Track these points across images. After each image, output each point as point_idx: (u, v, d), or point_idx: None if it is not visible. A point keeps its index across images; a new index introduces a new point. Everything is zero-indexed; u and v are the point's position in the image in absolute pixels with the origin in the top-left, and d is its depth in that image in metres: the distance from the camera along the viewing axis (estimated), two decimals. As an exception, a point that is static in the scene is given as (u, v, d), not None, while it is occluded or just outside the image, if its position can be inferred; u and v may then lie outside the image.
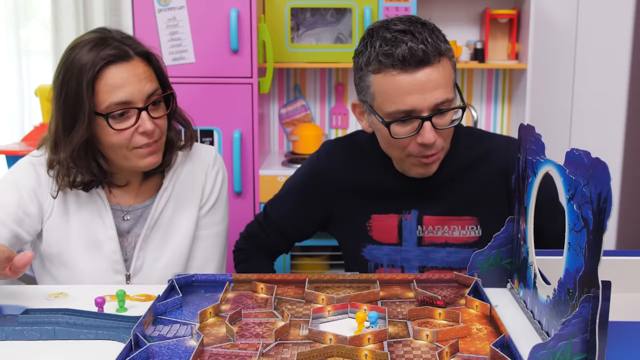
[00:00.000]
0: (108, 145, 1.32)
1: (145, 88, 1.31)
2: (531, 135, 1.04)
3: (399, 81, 1.24)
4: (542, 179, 1.02)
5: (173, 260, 1.43)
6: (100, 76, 1.28)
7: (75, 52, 1.30)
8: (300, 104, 2.84)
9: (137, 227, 1.43)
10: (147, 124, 1.31)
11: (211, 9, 2.32)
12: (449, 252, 1.40)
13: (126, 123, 1.30)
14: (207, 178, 1.50)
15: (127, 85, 1.29)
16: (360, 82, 1.32)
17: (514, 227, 1.15)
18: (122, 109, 1.29)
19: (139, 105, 1.30)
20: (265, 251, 1.58)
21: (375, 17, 2.49)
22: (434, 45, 1.24)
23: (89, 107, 1.27)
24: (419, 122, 1.26)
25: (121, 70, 1.29)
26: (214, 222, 1.51)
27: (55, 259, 1.40)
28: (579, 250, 0.84)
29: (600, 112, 2.85)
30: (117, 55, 1.29)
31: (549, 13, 2.80)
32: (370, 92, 1.30)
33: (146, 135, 1.32)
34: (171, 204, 1.45)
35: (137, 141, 1.32)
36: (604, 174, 0.78)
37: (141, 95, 1.30)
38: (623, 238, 2.92)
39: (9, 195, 1.37)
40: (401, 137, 1.28)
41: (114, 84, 1.28)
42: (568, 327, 0.81)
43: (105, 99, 1.28)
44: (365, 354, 0.89)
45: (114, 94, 1.28)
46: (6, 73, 3.29)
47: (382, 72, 1.26)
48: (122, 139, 1.31)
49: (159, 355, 0.91)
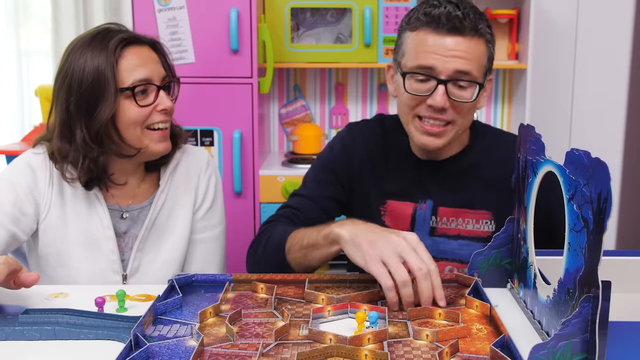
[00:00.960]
0: (126, 123, 1.34)
1: (160, 70, 1.38)
2: (531, 135, 1.04)
3: (427, 39, 1.29)
4: (550, 182, 1.03)
5: (168, 262, 1.44)
6: (122, 55, 1.33)
7: (84, 42, 1.34)
8: (300, 104, 2.84)
9: (135, 228, 1.43)
10: (166, 101, 1.37)
11: (211, 9, 2.32)
12: (461, 245, 1.40)
13: (147, 100, 1.35)
14: (200, 181, 1.50)
15: (146, 64, 1.35)
16: (398, 41, 1.37)
17: (514, 227, 1.15)
18: (145, 85, 1.34)
19: (157, 83, 1.36)
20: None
21: (375, 17, 2.49)
22: (473, 21, 1.29)
23: (114, 85, 1.31)
24: (434, 84, 1.29)
25: (138, 51, 1.36)
26: (212, 225, 1.52)
27: (51, 258, 1.40)
28: (579, 250, 0.84)
29: (600, 112, 2.85)
30: (130, 39, 1.36)
31: (549, 13, 2.80)
32: (401, 50, 1.35)
33: (164, 113, 1.37)
34: (167, 205, 1.45)
35: (154, 119, 1.36)
36: (604, 174, 0.78)
37: (159, 75, 1.37)
38: (623, 238, 2.92)
39: (5, 194, 1.37)
40: (414, 94, 1.31)
41: (135, 63, 1.34)
42: (568, 327, 0.81)
43: (128, 76, 1.33)
44: (365, 354, 0.89)
45: (136, 72, 1.33)
46: (6, 73, 3.29)
47: (417, 30, 1.31)
48: (142, 115, 1.34)
49: (159, 355, 0.91)
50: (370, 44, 2.49)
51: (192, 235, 1.49)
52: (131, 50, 1.34)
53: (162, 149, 1.39)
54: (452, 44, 1.28)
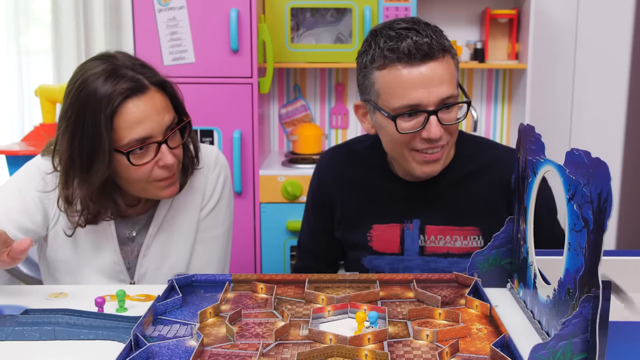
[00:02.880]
0: (127, 180, 1.30)
1: (164, 120, 1.27)
2: (531, 135, 1.04)
3: (404, 75, 1.25)
4: (540, 193, 1.04)
5: (176, 267, 1.42)
6: (119, 112, 1.23)
7: (87, 86, 1.24)
8: (300, 104, 2.84)
9: (141, 235, 1.42)
10: (168, 157, 1.28)
11: (211, 9, 2.32)
12: (451, 262, 1.40)
13: (146, 157, 1.27)
14: (208, 180, 1.47)
15: (146, 120, 1.25)
16: (364, 81, 1.32)
17: (513, 227, 1.15)
18: (142, 144, 1.25)
19: (158, 139, 1.27)
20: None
21: (375, 17, 2.49)
22: (438, 41, 1.26)
23: (109, 144, 1.22)
24: (424, 117, 1.26)
25: (139, 104, 1.25)
26: (214, 225, 1.48)
27: (60, 265, 1.39)
28: (579, 250, 0.84)
29: (600, 112, 2.85)
30: (133, 89, 1.24)
31: (549, 13, 2.80)
32: (374, 90, 1.29)
33: (166, 168, 1.29)
34: (173, 210, 1.43)
35: (157, 174, 1.29)
36: (604, 174, 0.77)
37: (160, 129, 1.27)
38: (623, 238, 2.92)
39: (14, 202, 1.35)
40: (407, 132, 1.28)
41: (133, 120, 1.24)
42: (568, 327, 0.81)
43: (125, 136, 1.24)
44: (366, 354, 0.89)
45: (133, 131, 1.24)
46: (6, 73, 3.28)
47: (387, 68, 1.26)
48: (142, 173, 1.28)
49: (159, 355, 0.91)
50: (370, 44, 2.49)
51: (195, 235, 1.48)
52: (130, 105, 1.24)
53: (168, 194, 1.34)
54: (429, 71, 1.24)
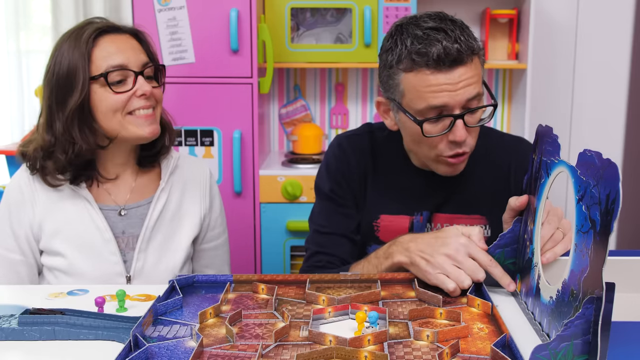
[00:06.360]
0: (104, 112, 1.33)
1: (140, 57, 1.35)
2: (548, 136, 1.03)
3: (431, 80, 1.23)
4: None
5: (174, 264, 1.43)
6: (96, 44, 1.32)
7: (63, 38, 1.34)
8: (300, 104, 2.83)
9: (133, 227, 1.42)
10: (145, 86, 1.33)
11: (211, 9, 2.32)
12: None
13: (124, 87, 1.33)
14: (211, 191, 1.52)
15: (123, 52, 1.33)
16: (389, 80, 1.31)
17: (520, 227, 1.14)
18: (120, 70, 1.31)
19: (135, 69, 1.33)
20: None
21: (375, 17, 2.49)
22: (466, 43, 1.24)
23: (84, 74, 1.30)
24: (450, 120, 1.26)
25: (115, 39, 1.34)
26: (214, 236, 1.54)
27: (56, 270, 1.40)
28: (585, 251, 0.83)
29: (600, 112, 2.85)
30: (108, 29, 1.35)
31: (549, 13, 2.79)
32: (399, 90, 1.29)
33: (144, 98, 1.33)
34: (171, 207, 1.44)
35: (134, 104, 1.33)
36: (613, 175, 0.78)
37: (137, 62, 1.34)
38: (623, 238, 2.92)
39: (2, 231, 1.41)
40: (433, 136, 1.28)
41: (110, 50, 1.32)
42: (571, 328, 0.80)
43: (102, 64, 1.31)
44: (365, 355, 0.89)
45: (110, 59, 1.32)
46: (6, 73, 3.28)
47: (415, 71, 1.25)
48: (120, 101, 1.32)
49: (159, 355, 0.90)
50: (370, 44, 2.49)
51: (198, 245, 1.51)
52: (107, 39, 1.33)
53: (149, 133, 1.35)
54: (456, 76, 1.23)
